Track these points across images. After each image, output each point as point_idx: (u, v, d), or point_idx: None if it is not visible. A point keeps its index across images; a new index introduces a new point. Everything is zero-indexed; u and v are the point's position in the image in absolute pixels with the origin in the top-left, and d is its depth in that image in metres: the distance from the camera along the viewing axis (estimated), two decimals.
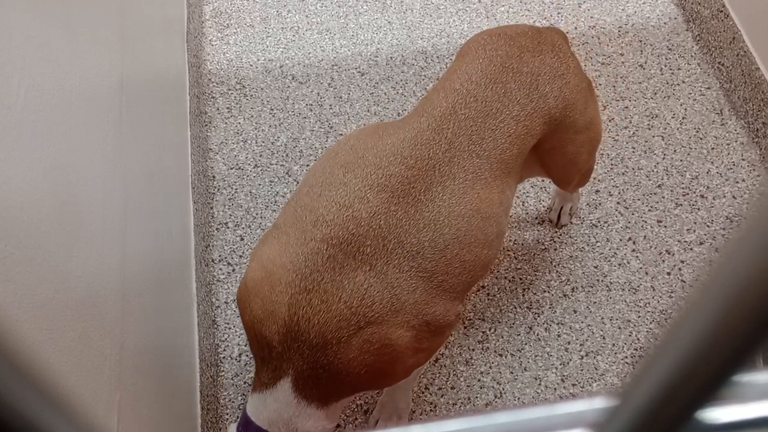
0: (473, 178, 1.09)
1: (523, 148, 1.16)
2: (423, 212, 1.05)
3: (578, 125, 1.24)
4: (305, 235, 1.03)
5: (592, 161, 1.42)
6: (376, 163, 1.06)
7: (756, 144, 1.86)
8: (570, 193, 1.63)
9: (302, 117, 1.92)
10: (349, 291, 1.00)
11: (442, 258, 1.05)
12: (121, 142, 1.14)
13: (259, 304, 1.03)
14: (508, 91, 1.14)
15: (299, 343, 0.99)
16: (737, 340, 0.19)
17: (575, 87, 1.22)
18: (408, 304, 1.02)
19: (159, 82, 1.50)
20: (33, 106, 0.83)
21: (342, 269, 1.01)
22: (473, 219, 1.08)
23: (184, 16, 1.93)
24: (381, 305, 1.01)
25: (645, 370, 0.21)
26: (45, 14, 0.92)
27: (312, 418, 1.03)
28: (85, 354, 0.86)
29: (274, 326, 1.01)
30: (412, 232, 1.03)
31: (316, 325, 0.99)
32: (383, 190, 1.04)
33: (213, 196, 1.78)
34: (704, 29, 2.06)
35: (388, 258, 1.02)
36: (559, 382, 1.52)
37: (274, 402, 1.02)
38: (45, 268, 0.79)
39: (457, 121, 1.10)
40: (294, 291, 1.00)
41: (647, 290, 1.64)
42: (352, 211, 1.03)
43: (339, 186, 1.06)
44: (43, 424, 0.19)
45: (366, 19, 2.14)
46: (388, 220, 1.03)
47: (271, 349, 1.01)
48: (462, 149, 1.09)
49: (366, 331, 0.99)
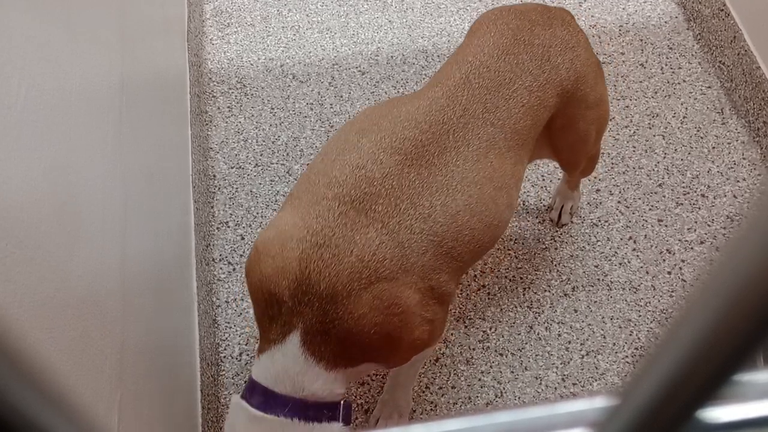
0: (487, 146, 1.10)
1: (536, 120, 1.16)
2: (436, 176, 1.05)
3: (589, 100, 1.25)
4: (317, 195, 1.04)
5: (599, 146, 1.43)
6: (390, 128, 1.08)
7: (757, 143, 1.86)
8: (574, 180, 1.63)
9: (303, 116, 1.92)
10: (360, 246, 1.00)
11: (453, 224, 1.06)
12: (122, 142, 1.14)
13: (270, 262, 1.02)
14: (520, 62, 1.16)
15: (309, 296, 0.98)
16: (738, 339, 0.19)
17: (586, 60, 1.23)
18: (417, 266, 1.03)
19: (159, 81, 1.50)
20: (33, 106, 0.83)
21: (354, 225, 1.01)
22: (485, 187, 1.09)
23: (185, 15, 1.93)
24: (392, 262, 1.01)
25: (646, 369, 0.21)
26: (45, 14, 0.92)
27: (320, 378, 1.01)
28: (85, 353, 0.86)
29: (284, 282, 1.00)
30: (424, 195, 1.04)
31: (327, 278, 0.98)
32: (397, 152, 1.05)
33: (213, 195, 1.78)
34: (705, 28, 2.06)
35: (401, 218, 1.02)
36: (559, 382, 1.52)
37: (282, 357, 1.00)
38: (45, 267, 0.79)
39: (471, 89, 1.12)
40: (305, 246, 1.00)
41: (648, 289, 1.64)
42: (365, 171, 1.04)
43: (353, 150, 1.07)
44: (44, 423, 0.19)
45: (367, 18, 2.14)
46: (401, 180, 1.04)
47: (280, 305, 1.00)
48: (476, 116, 1.10)
49: (376, 287, 0.99)
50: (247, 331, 1.58)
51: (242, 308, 1.61)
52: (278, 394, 1.01)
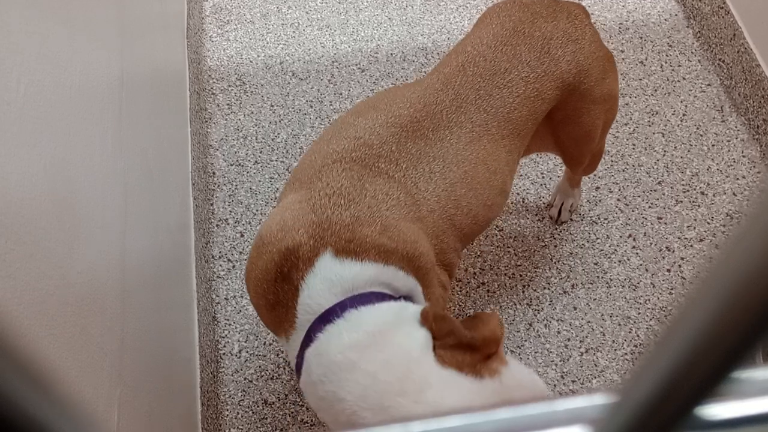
0: (480, 131, 1.11)
1: (533, 111, 1.16)
2: (432, 147, 1.07)
3: (594, 95, 1.24)
4: (318, 168, 1.04)
5: (603, 143, 1.43)
6: (386, 109, 1.10)
7: (756, 141, 1.86)
8: (577, 178, 1.63)
9: (302, 113, 1.92)
10: (372, 191, 1.00)
11: (452, 191, 1.07)
12: (121, 139, 1.14)
13: (280, 224, 0.99)
14: (517, 53, 1.16)
15: (332, 227, 0.96)
16: (737, 336, 0.19)
17: (590, 54, 1.22)
18: (429, 221, 1.04)
19: (159, 78, 1.50)
20: (32, 102, 0.83)
21: (361, 178, 1.02)
22: (479, 167, 1.10)
23: (184, 12, 1.93)
24: (406, 207, 1.01)
25: (645, 366, 0.21)
26: (44, 10, 0.92)
27: (355, 267, 0.96)
28: (85, 350, 0.87)
29: (301, 228, 0.97)
30: (423, 161, 1.06)
31: (348, 211, 0.97)
32: (393, 125, 1.07)
33: (213, 193, 1.78)
34: (705, 26, 2.05)
35: (404, 174, 1.04)
36: (558, 379, 1.52)
37: (320, 278, 0.95)
38: (45, 264, 0.79)
39: (465, 76, 1.13)
40: (316, 197, 1.00)
41: (647, 287, 1.64)
42: (363, 140, 1.06)
43: (350, 127, 1.09)
44: (44, 420, 0.19)
45: (366, 15, 2.14)
46: (399, 147, 1.05)
47: (298, 248, 0.96)
48: (469, 101, 1.11)
49: (398, 225, 0.99)
50: (247, 328, 1.58)
51: (242, 305, 1.61)
52: (340, 303, 0.95)
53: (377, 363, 0.88)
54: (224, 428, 1.47)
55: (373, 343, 0.90)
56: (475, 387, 0.87)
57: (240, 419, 1.48)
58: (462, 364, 0.88)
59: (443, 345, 0.89)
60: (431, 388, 0.86)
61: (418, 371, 0.87)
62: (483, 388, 0.87)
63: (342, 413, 0.89)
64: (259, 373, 1.53)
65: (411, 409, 0.84)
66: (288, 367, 1.53)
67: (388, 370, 0.87)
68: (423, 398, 0.85)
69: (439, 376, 0.86)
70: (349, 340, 0.91)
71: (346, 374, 0.89)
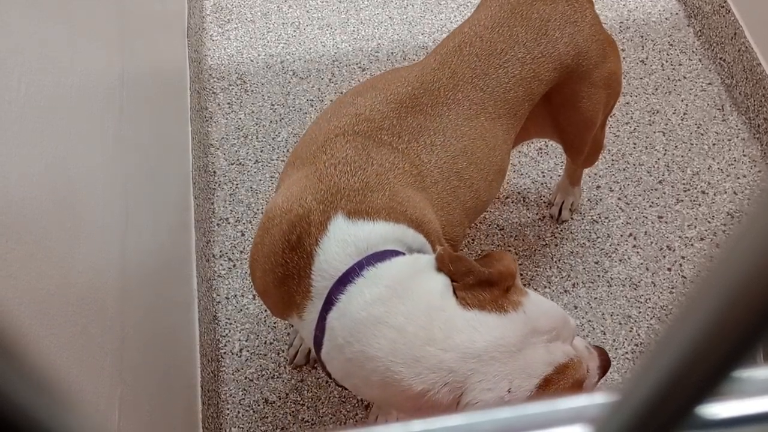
0: (477, 109, 1.11)
1: (529, 92, 1.17)
2: (432, 122, 1.07)
3: (594, 78, 1.23)
4: (320, 144, 1.04)
5: (604, 133, 1.42)
6: (385, 87, 1.10)
7: (757, 140, 1.86)
8: (577, 172, 1.63)
9: (303, 112, 1.92)
10: (379, 159, 1.00)
11: (453, 164, 1.07)
12: (122, 138, 1.14)
13: (287, 197, 0.99)
14: (514, 34, 1.16)
15: (341, 192, 0.96)
16: (737, 335, 0.19)
17: (590, 36, 1.21)
18: (434, 193, 1.04)
19: (160, 77, 1.50)
20: (33, 101, 0.83)
21: (364, 148, 1.01)
22: (478, 142, 1.10)
23: (185, 11, 1.93)
24: (411, 176, 1.01)
25: (645, 365, 0.21)
26: (45, 10, 0.92)
27: (368, 226, 0.95)
28: (86, 349, 0.87)
29: (310, 196, 0.96)
30: (423, 134, 1.06)
31: (356, 176, 0.97)
32: (392, 102, 1.08)
33: (214, 192, 1.78)
34: (706, 25, 2.05)
35: (407, 146, 1.04)
36: None
37: (334, 240, 0.93)
38: (46, 263, 0.79)
39: (462, 56, 1.14)
40: (322, 168, 0.99)
41: (648, 286, 1.64)
42: (364, 116, 1.06)
43: (349, 105, 1.09)
44: (44, 420, 0.19)
45: (367, 14, 2.14)
46: (400, 121, 1.06)
47: (309, 214, 0.95)
48: (465, 80, 1.12)
49: (404, 191, 0.99)
50: (248, 327, 1.58)
51: (242, 304, 1.61)
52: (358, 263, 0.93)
53: (401, 315, 0.87)
54: (225, 427, 1.47)
55: (394, 295, 0.89)
56: (501, 322, 0.87)
57: (241, 418, 1.48)
58: (484, 302, 0.88)
59: (462, 286, 0.89)
60: (460, 333, 0.85)
61: (442, 317, 0.86)
62: (510, 322, 0.87)
63: (374, 372, 0.87)
64: (260, 372, 1.53)
65: (442, 358, 0.84)
66: (288, 367, 1.53)
67: (413, 320, 0.87)
68: (451, 344, 0.85)
69: (464, 319, 0.86)
70: (371, 296, 0.89)
71: (372, 330, 0.88)
